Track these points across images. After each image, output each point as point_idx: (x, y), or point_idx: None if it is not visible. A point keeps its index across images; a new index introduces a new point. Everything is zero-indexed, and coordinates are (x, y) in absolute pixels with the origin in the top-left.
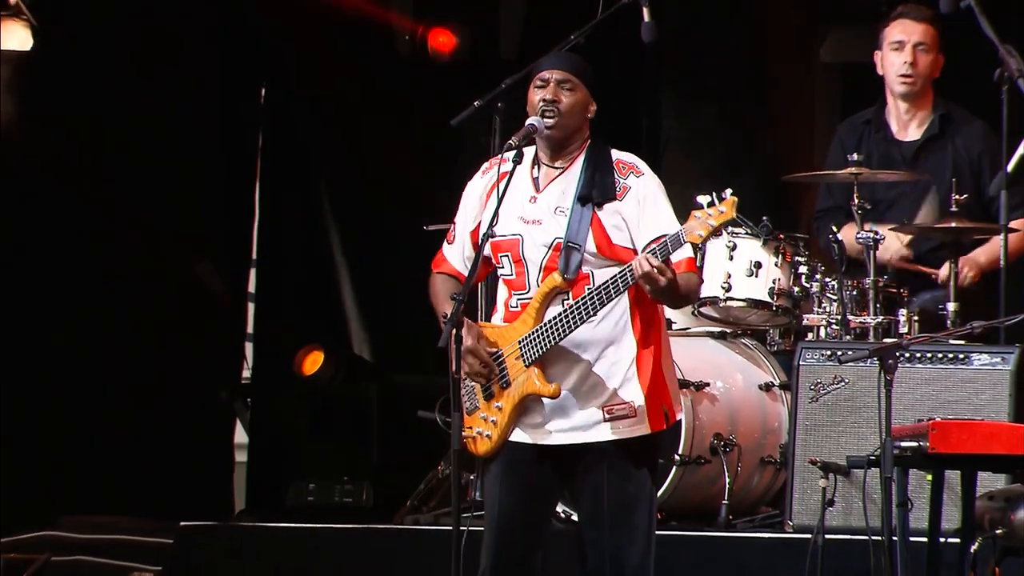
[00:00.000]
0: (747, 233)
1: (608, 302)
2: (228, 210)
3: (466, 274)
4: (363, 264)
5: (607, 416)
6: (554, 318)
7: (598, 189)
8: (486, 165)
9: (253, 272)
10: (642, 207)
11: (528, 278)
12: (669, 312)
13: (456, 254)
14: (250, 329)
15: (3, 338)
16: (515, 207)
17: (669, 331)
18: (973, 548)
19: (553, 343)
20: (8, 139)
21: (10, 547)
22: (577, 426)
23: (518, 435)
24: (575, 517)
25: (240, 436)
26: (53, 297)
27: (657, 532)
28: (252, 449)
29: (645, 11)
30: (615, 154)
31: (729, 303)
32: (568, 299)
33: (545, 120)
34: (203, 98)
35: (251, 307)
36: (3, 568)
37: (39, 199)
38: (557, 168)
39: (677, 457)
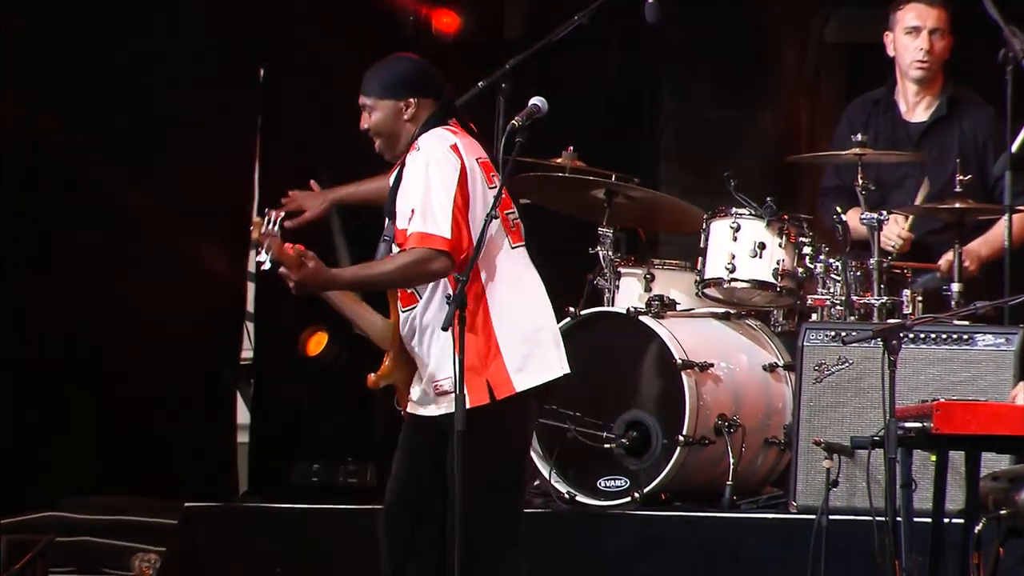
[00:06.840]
0: (751, 214)
1: None
2: (228, 190)
3: None
4: (364, 245)
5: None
6: None
7: None
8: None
9: (253, 252)
10: None
11: None
12: (676, 295)
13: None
14: (251, 308)
15: (5, 319)
16: None
17: (673, 312)
18: (977, 529)
19: None
20: (4, 123)
21: (12, 528)
22: None
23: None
24: (580, 498)
25: (243, 417)
26: (53, 278)
27: (661, 513)
28: (255, 430)
29: None
30: None
31: (733, 284)
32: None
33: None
34: (202, 80)
35: (251, 287)
36: (5, 549)
37: (37, 182)
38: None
39: (680, 438)
